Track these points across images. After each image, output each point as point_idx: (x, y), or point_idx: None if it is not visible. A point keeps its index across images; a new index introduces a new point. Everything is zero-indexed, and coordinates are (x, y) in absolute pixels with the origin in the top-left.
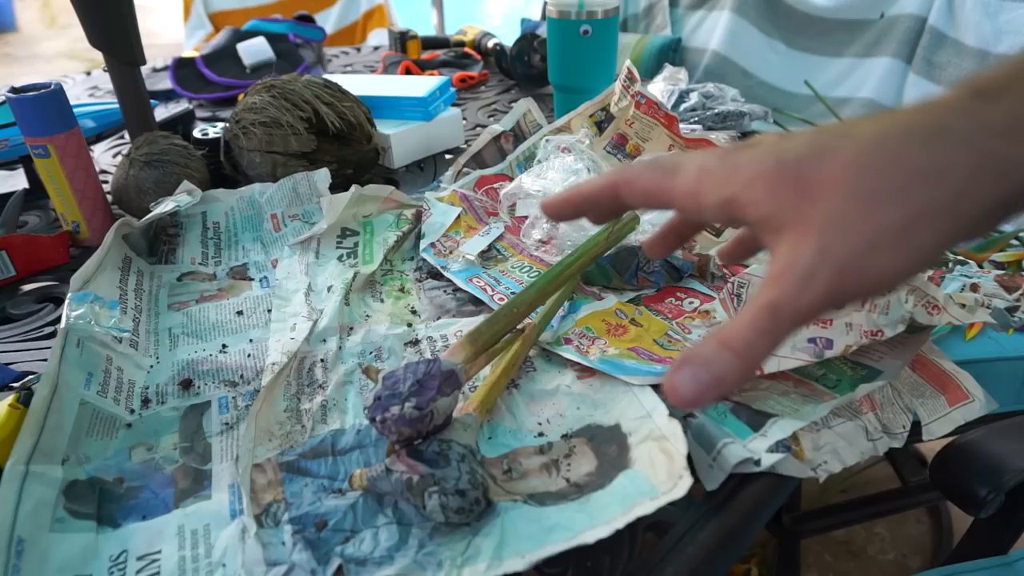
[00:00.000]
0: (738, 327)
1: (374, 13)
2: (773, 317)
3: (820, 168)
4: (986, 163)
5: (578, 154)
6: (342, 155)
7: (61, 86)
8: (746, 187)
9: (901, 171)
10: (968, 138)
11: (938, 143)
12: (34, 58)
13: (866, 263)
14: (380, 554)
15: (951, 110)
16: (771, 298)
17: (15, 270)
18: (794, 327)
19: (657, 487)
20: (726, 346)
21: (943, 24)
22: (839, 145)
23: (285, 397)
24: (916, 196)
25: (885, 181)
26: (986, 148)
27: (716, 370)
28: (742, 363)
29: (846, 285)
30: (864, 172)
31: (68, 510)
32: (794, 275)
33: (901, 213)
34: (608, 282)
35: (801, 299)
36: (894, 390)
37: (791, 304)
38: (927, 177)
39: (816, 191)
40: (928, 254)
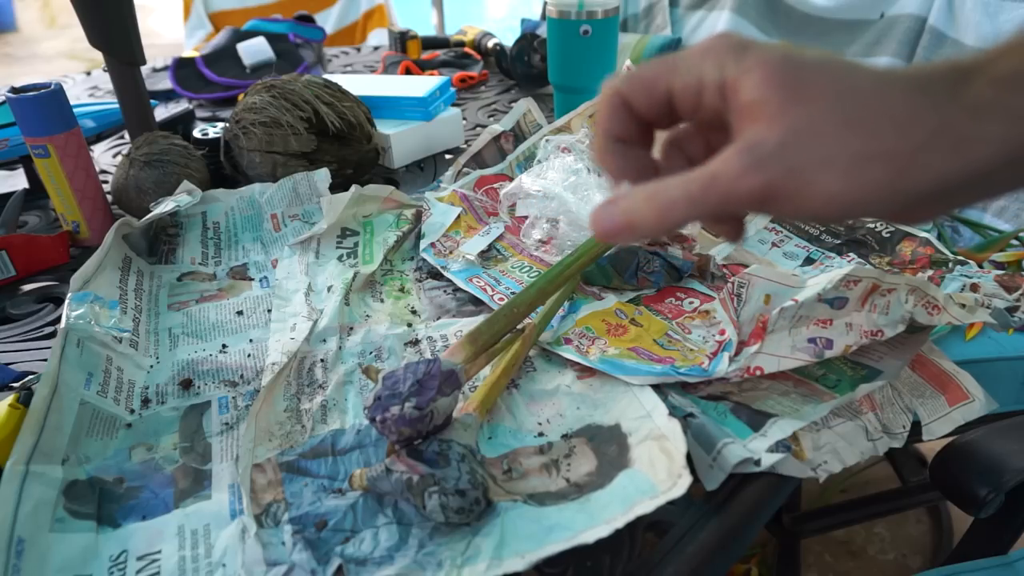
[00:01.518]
0: (671, 184)
1: (374, 13)
2: (706, 186)
3: (818, 80)
4: (945, 130)
5: (578, 154)
6: (342, 155)
7: (61, 86)
8: (747, 72)
9: (878, 111)
10: (939, 104)
11: (915, 99)
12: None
13: (815, 176)
14: (380, 554)
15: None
16: (714, 169)
17: (15, 270)
18: (719, 205)
19: (657, 486)
20: (652, 198)
21: (943, 24)
22: (845, 72)
23: (285, 397)
24: (882, 138)
25: (862, 113)
26: (949, 118)
27: (632, 216)
28: (657, 217)
29: (786, 187)
30: (850, 99)
31: (68, 510)
32: (747, 156)
33: (864, 145)
34: (608, 282)
35: (741, 180)
36: (894, 390)
37: (729, 181)
38: (896, 125)
39: (805, 96)
40: (868, 193)
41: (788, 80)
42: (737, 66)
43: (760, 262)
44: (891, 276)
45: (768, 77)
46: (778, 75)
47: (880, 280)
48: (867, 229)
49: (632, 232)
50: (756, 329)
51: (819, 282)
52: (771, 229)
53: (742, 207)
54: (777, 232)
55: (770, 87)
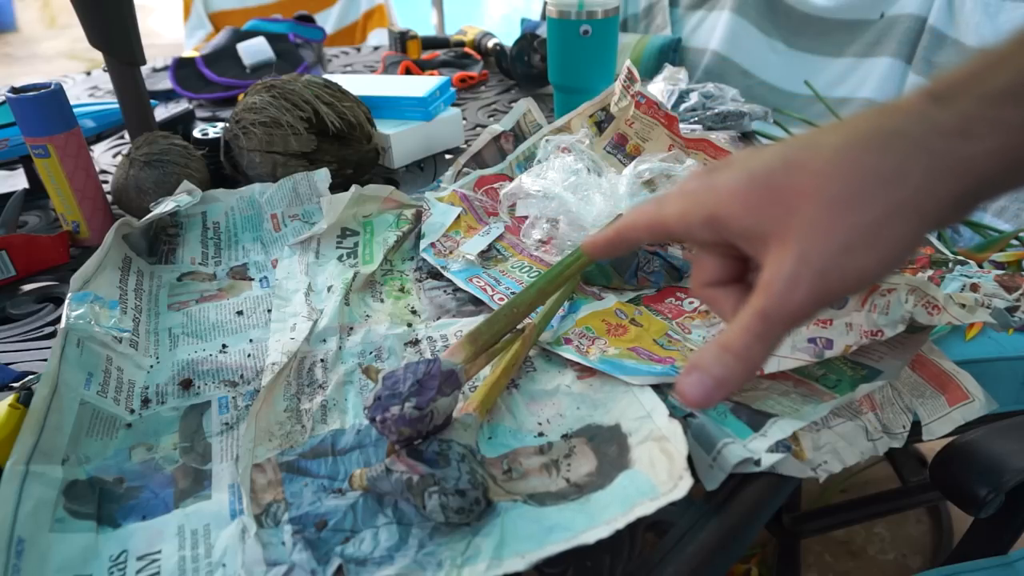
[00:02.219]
0: (735, 333)
1: (374, 13)
2: (764, 322)
3: (791, 179)
4: (939, 162)
5: (578, 154)
6: (342, 155)
7: (61, 86)
8: (724, 204)
9: (864, 176)
10: (921, 140)
11: (895, 147)
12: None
13: (844, 263)
14: (380, 554)
15: (906, 114)
16: (761, 304)
17: (15, 270)
18: (786, 329)
19: (657, 487)
20: (727, 350)
21: (943, 24)
22: (806, 156)
23: (285, 397)
24: (880, 198)
25: (851, 187)
26: (938, 149)
27: (719, 373)
28: (743, 366)
29: (829, 286)
30: (831, 180)
31: (68, 510)
32: (780, 281)
33: (869, 215)
34: (608, 282)
35: (788, 303)
36: (894, 390)
37: (779, 309)
38: (887, 180)
39: (790, 201)
40: (900, 249)
41: (765, 196)
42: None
43: None
44: (891, 276)
45: (747, 203)
46: (753, 196)
47: (879, 282)
48: None
49: (725, 391)
50: None
51: None
52: None
53: (804, 318)
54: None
55: (753, 211)
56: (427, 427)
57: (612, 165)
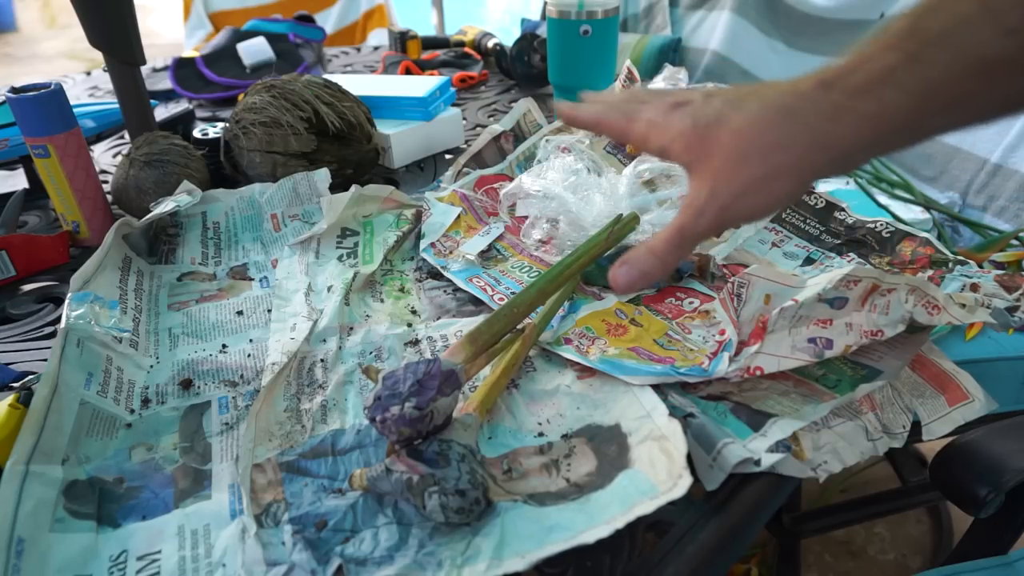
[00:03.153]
0: (659, 240)
1: (374, 13)
2: (680, 234)
3: (718, 134)
4: (816, 139)
5: (578, 154)
6: (342, 155)
7: (61, 86)
8: (672, 140)
9: (763, 141)
10: (806, 120)
11: (788, 122)
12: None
13: (738, 203)
14: (380, 554)
15: (801, 97)
16: (680, 222)
17: (15, 270)
18: (695, 243)
19: (657, 487)
20: (652, 252)
21: None
22: (732, 116)
23: (285, 397)
24: (771, 159)
25: (752, 147)
26: (817, 128)
27: (644, 267)
28: (661, 264)
29: (725, 217)
30: (741, 139)
31: (68, 510)
32: (693, 207)
33: (761, 170)
34: (608, 282)
35: (697, 224)
36: (894, 390)
37: (691, 227)
38: (779, 147)
39: (712, 150)
40: (780, 199)
41: (697, 142)
42: (665, 136)
43: (760, 262)
44: (891, 276)
45: (686, 145)
46: (691, 141)
47: (880, 280)
48: (867, 229)
49: (646, 281)
50: (756, 329)
51: (819, 282)
52: (771, 229)
53: (708, 236)
54: (777, 232)
55: (689, 152)
56: (427, 427)
57: (612, 165)
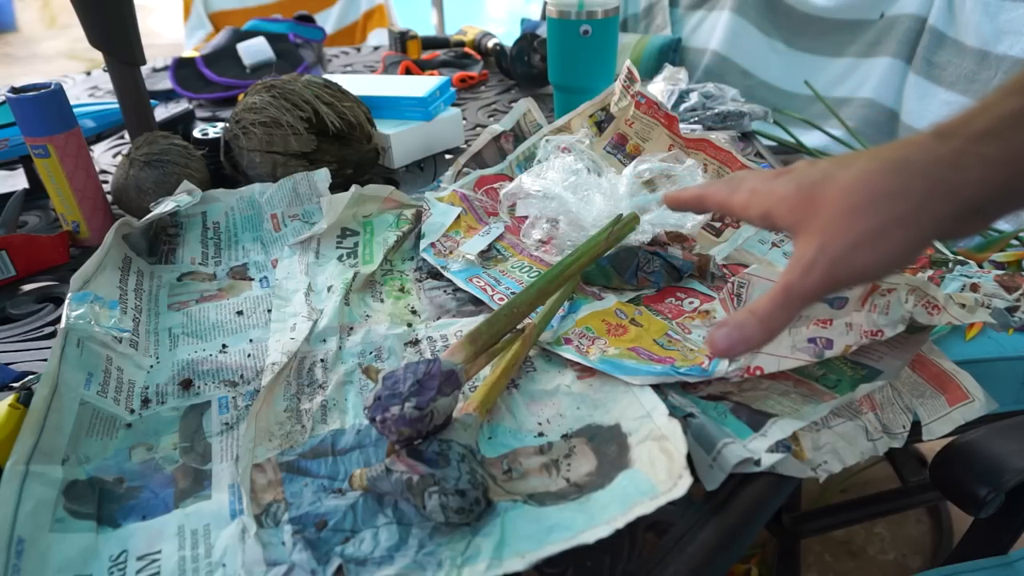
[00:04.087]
0: (762, 301)
1: (374, 13)
2: (786, 295)
3: (825, 191)
4: (935, 186)
5: (578, 154)
6: (342, 155)
7: (61, 86)
8: (777, 204)
9: (875, 192)
10: (922, 168)
11: (902, 172)
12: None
13: (851, 258)
14: (380, 554)
15: (916, 147)
16: (785, 281)
17: (15, 270)
18: (803, 303)
19: (657, 487)
20: (754, 313)
21: (943, 24)
22: (839, 174)
23: (285, 397)
24: (885, 210)
25: (864, 199)
26: (935, 175)
27: (745, 331)
28: (764, 327)
29: (838, 273)
30: (851, 193)
31: (68, 510)
32: (801, 265)
33: (874, 222)
34: (608, 282)
35: (805, 282)
36: (894, 390)
37: (799, 285)
38: (893, 197)
39: (820, 207)
40: (898, 251)
41: (805, 202)
42: (769, 202)
43: (760, 262)
44: (891, 276)
45: (792, 206)
46: (797, 201)
47: (880, 280)
48: None
49: (747, 347)
50: None
51: None
52: None
53: (816, 297)
54: (777, 232)
55: (795, 213)
56: (427, 427)
57: (612, 165)
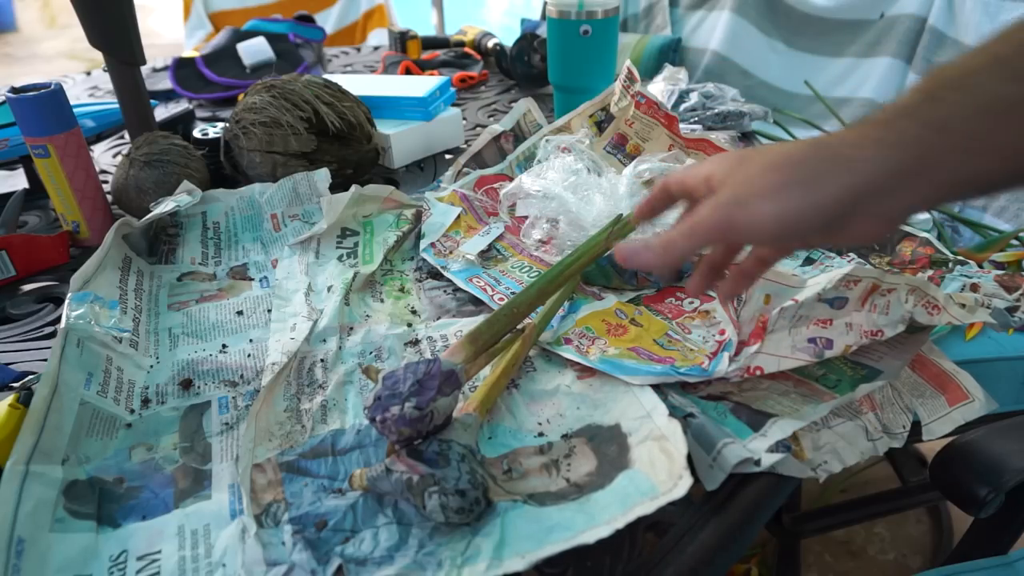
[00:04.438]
0: (668, 231)
1: (374, 13)
2: (690, 227)
3: (754, 155)
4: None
5: (578, 154)
6: (342, 155)
7: (61, 86)
8: (718, 164)
9: (789, 157)
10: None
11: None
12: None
13: (750, 204)
14: (380, 554)
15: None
16: (693, 217)
17: (15, 270)
18: (702, 237)
19: (657, 487)
20: (659, 238)
21: (943, 24)
22: (772, 146)
23: (285, 397)
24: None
25: (778, 160)
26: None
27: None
28: (664, 251)
29: (735, 215)
30: (771, 157)
31: (68, 510)
32: (710, 204)
33: (778, 179)
34: (608, 282)
35: (706, 217)
36: (894, 390)
37: (700, 219)
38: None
39: (744, 165)
40: (791, 211)
41: (734, 160)
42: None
43: None
44: (891, 276)
45: (725, 163)
46: (731, 160)
47: (880, 280)
48: None
49: (646, 265)
50: (756, 329)
51: (819, 282)
52: None
53: (714, 236)
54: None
55: (724, 167)
56: (427, 427)
57: (612, 165)
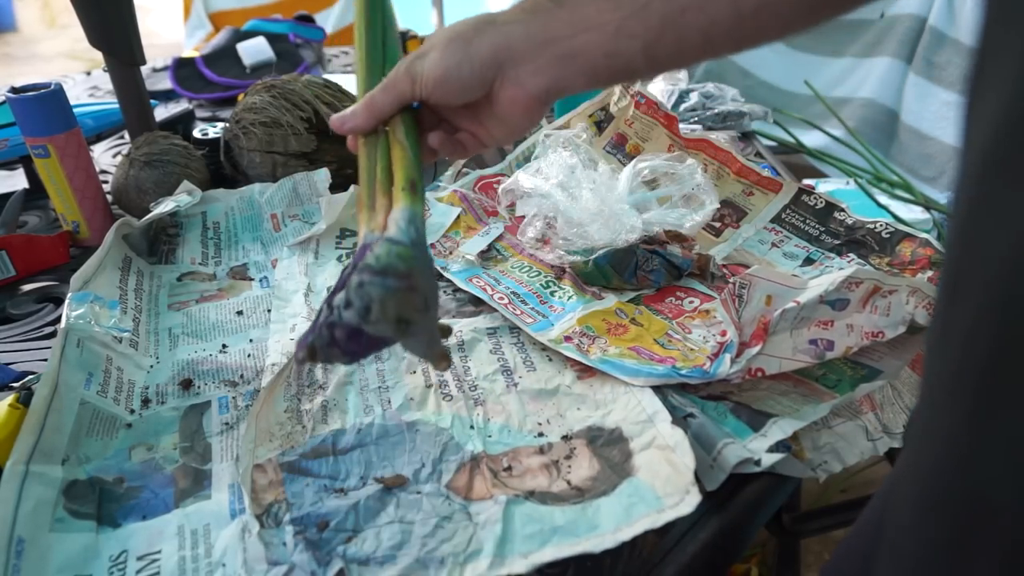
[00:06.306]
0: (372, 94)
1: None
2: (386, 86)
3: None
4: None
5: (574, 148)
6: (342, 155)
7: (61, 86)
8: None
9: (457, 26)
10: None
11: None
12: (34, 58)
13: (425, 55)
14: (383, 553)
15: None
16: (390, 77)
17: (15, 270)
18: (394, 87)
19: (663, 500)
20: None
21: (943, 24)
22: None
23: (285, 398)
24: (450, 34)
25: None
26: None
27: (357, 112)
28: (367, 109)
29: (413, 64)
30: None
31: (68, 510)
32: (402, 65)
33: (444, 37)
34: (608, 282)
35: (393, 76)
36: (894, 390)
37: (395, 80)
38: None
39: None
40: (450, 66)
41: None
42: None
43: (760, 262)
44: (892, 278)
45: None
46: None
47: (882, 282)
48: (867, 230)
49: (361, 123)
50: (757, 330)
51: (821, 283)
52: (771, 229)
53: (402, 83)
54: (777, 232)
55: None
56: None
57: (612, 164)
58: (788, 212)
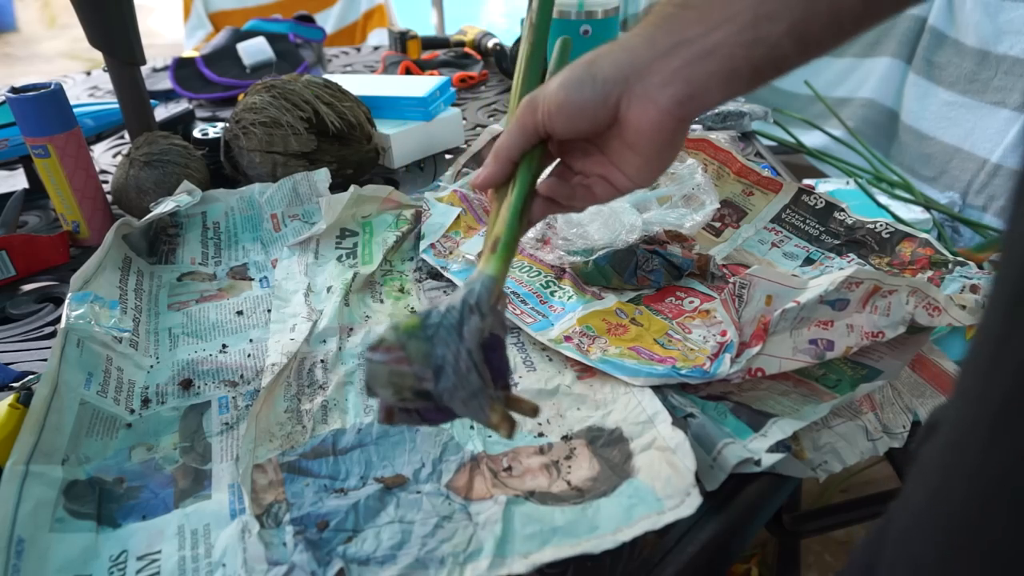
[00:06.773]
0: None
1: (374, 13)
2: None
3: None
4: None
5: None
6: (342, 155)
7: (61, 86)
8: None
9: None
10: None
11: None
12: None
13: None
14: (383, 553)
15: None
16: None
17: (15, 270)
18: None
19: (663, 502)
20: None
21: (943, 24)
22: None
23: (285, 398)
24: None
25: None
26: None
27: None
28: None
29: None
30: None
31: (68, 510)
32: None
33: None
34: (608, 282)
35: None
36: (894, 390)
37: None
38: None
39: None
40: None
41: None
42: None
43: (760, 262)
44: (892, 278)
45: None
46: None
47: (882, 282)
48: (867, 230)
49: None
50: (757, 330)
51: (821, 283)
52: (771, 229)
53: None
54: (777, 232)
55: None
56: None
57: None
58: (788, 212)
